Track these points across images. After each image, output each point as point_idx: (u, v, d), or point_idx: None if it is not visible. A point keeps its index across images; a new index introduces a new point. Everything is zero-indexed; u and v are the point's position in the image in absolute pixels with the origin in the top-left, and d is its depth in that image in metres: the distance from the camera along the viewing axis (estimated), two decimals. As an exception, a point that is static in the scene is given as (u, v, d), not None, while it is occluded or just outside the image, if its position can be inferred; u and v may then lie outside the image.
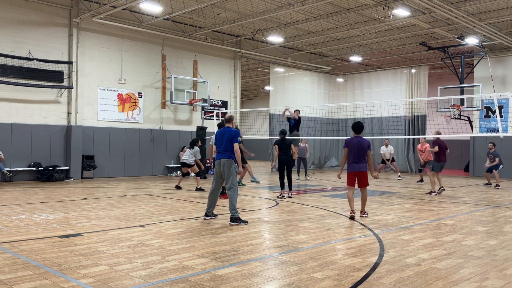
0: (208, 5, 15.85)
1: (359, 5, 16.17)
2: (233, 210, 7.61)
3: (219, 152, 7.95)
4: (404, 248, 5.95)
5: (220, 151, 7.92)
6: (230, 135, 7.87)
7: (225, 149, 7.86)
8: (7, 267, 4.84)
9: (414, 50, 22.91)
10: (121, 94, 17.86)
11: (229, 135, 7.88)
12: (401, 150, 23.72)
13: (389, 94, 24.25)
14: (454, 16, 15.87)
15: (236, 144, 7.87)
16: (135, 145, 18.16)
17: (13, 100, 15.27)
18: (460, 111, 20.64)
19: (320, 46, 22.82)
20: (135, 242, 6.12)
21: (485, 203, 10.94)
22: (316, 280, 4.51)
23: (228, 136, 7.86)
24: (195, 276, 4.59)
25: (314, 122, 24.24)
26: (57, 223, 7.48)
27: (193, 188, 13.45)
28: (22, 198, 10.84)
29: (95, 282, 4.37)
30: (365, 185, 8.44)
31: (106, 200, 10.61)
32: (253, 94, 40.04)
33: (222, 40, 20.67)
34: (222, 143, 7.89)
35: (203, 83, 19.81)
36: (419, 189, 14.58)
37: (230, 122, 8.18)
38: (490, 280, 4.62)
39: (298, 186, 15.01)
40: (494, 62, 20.88)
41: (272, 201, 10.85)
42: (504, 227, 7.67)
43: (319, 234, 6.88)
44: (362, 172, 8.34)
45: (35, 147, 15.69)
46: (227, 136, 7.88)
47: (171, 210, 9.21)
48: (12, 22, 15.19)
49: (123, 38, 17.85)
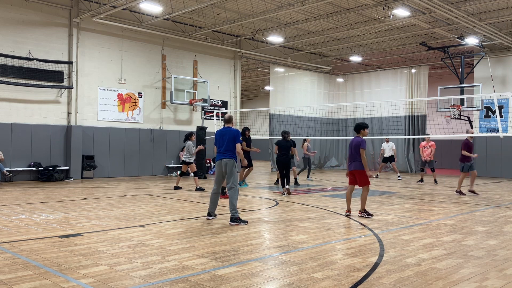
0: (208, 5, 15.85)
1: (359, 5, 16.17)
2: (233, 210, 7.61)
3: (220, 153, 7.94)
4: (404, 248, 5.95)
5: (221, 151, 7.92)
6: (231, 136, 7.88)
7: (227, 149, 7.86)
8: (7, 267, 4.84)
9: (414, 50, 22.91)
10: (121, 94, 17.86)
11: (231, 135, 7.89)
12: (401, 150, 23.71)
13: (389, 94, 24.25)
14: (454, 16, 15.87)
15: (239, 145, 7.90)
16: (135, 145, 18.17)
17: (13, 100, 15.27)
18: (460, 111, 20.64)
19: (320, 46, 22.82)
20: (135, 242, 6.12)
21: (485, 203, 10.94)
22: (316, 280, 4.51)
23: (230, 137, 7.87)
24: (195, 276, 4.59)
25: (314, 122, 24.24)
26: (57, 223, 7.48)
27: (193, 188, 13.44)
28: (22, 198, 10.84)
29: (95, 282, 4.37)
30: (363, 184, 8.46)
31: (106, 200, 10.61)
32: (253, 94, 40.05)
33: (222, 40, 20.67)
34: (223, 143, 7.90)
35: (203, 83, 19.81)
36: (419, 189, 14.58)
37: (230, 122, 8.19)
38: (490, 280, 4.62)
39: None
40: (494, 62, 20.89)
41: (272, 201, 10.85)
42: (504, 227, 7.67)
43: (319, 234, 6.88)
44: (357, 171, 8.44)
45: (35, 147, 15.69)
46: (229, 136, 7.88)
47: (171, 210, 9.21)
48: (12, 22, 15.20)
49: (123, 38, 17.85)
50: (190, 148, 13.10)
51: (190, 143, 13.16)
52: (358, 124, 8.78)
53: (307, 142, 17.33)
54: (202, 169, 17.26)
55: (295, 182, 15.01)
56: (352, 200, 9.14)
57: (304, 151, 17.22)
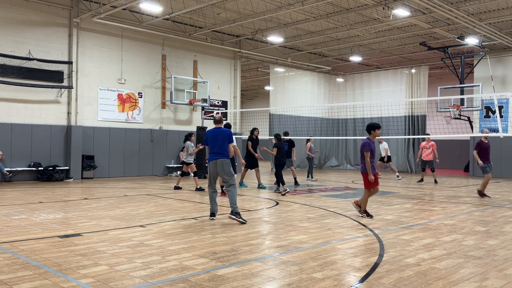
0: (208, 5, 15.85)
1: (359, 5, 16.17)
2: (234, 205, 7.76)
3: (214, 153, 8.03)
4: (404, 248, 5.95)
5: (215, 151, 8.03)
6: (225, 136, 8.01)
7: (221, 149, 7.98)
8: (7, 267, 4.84)
9: (414, 50, 22.91)
10: (121, 94, 17.86)
11: (224, 135, 8.02)
12: (401, 150, 23.72)
13: (389, 94, 24.26)
14: (454, 16, 15.87)
15: (231, 145, 8.04)
16: (135, 145, 18.16)
17: (13, 100, 15.27)
18: (460, 111, 20.64)
19: (320, 46, 22.82)
20: (135, 242, 6.12)
21: (485, 203, 10.94)
22: (316, 280, 4.51)
23: (223, 137, 8.00)
24: (195, 276, 4.59)
25: (314, 122, 24.24)
26: (57, 223, 7.48)
27: (193, 188, 13.44)
28: (22, 198, 10.84)
29: (95, 282, 4.38)
30: (364, 186, 8.50)
31: (106, 200, 10.61)
32: (253, 94, 40.04)
33: (222, 40, 20.67)
34: (216, 143, 8.00)
35: (203, 83, 19.81)
36: (419, 189, 14.58)
37: (221, 123, 8.35)
38: (490, 280, 4.61)
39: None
40: (494, 62, 20.89)
41: (272, 201, 10.85)
42: (504, 227, 7.67)
43: (319, 234, 6.88)
44: (362, 173, 8.48)
45: (35, 147, 15.69)
46: (222, 136, 8.01)
47: (171, 210, 9.21)
48: (12, 22, 15.20)
49: (123, 38, 17.85)
50: (189, 148, 13.14)
51: (189, 143, 13.20)
52: (368, 125, 8.61)
53: (310, 142, 17.38)
54: (202, 169, 17.25)
55: (295, 182, 15.02)
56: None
57: (307, 151, 17.24)
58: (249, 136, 14.49)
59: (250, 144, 14.09)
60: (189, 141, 13.25)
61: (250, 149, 14.01)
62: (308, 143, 17.32)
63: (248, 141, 14.26)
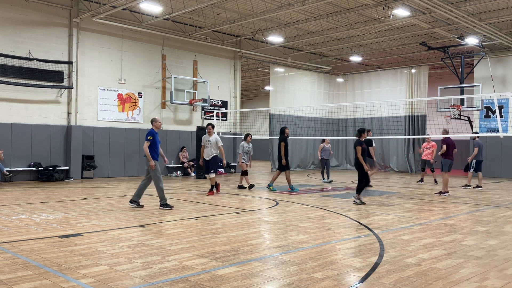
0: (208, 5, 15.85)
1: (359, 5, 16.17)
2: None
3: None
4: (404, 248, 5.95)
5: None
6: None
7: None
8: (7, 267, 4.84)
9: (414, 50, 22.91)
10: (121, 94, 17.86)
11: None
12: (401, 150, 23.72)
13: (389, 94, 24.25)
14: (454, 16, 15.86)
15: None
16: (135, 145, 18.14)
17: (13, 100, 15.27)
18: (460, 111, 20.63)
19: (320, 46, 22.82)
20: (135, 242, 6.12)
21: (485, 203, 10.94)
22: (316, 280, 4.51)
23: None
24: (195, 276, 4.59)
25: (314, 122, 24.24)
26: (57, 223, 7.48)
27: (193, 188, 13.43)
28: (22, 198, 10.84)
29: (95, 282, 4.37)
30: None
31: (106, 200, 10.61)
32: (253, 94, 40.04)
33: (222, 40, 20.67)
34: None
35: (203, 83, 19.81)
36: (419, 189, 14.58)
37: None
38: (490, 280, 4.61)
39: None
40: (494, 62, 20.88)
41: (272, 201, 10.85)
42: (504, 227, 7.67)
43: (319, 234, 6.88)
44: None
45: (35, 147, 15.68)
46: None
47: (171, 210, 9.21)
48: (12, 22, 15.19)
49: (123, 38, 17.85)
50: (241, 148, 13.80)
51: (243, 143, 13.86)
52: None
53: (324, 143, 16.80)
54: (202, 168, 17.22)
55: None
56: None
57: (318, 151, 17.00)
58: (282, 137, 13.05)
59: (283, 145, 12.84)
60: (244, 141, 13.89)
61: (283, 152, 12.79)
62: (321, 144, 16.91)
63: (281, 141, 12.93)
